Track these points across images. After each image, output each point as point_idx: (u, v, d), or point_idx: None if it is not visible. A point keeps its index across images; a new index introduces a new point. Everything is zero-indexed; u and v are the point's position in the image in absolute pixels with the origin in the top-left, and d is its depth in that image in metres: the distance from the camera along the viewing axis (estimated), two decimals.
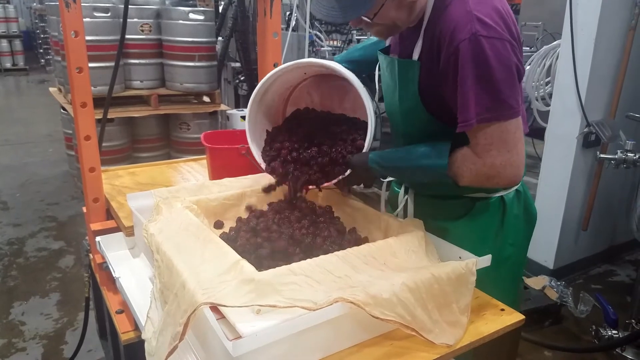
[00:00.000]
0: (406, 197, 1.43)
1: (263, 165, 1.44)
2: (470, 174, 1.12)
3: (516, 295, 1.47)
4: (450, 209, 1.36)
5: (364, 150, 1.30)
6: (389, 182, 1.57)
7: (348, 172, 1.30)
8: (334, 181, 1.32)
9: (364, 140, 1.30)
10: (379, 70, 1.45)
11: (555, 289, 2.73)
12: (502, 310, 1.06)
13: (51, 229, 3.73)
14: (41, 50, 11.31)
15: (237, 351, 0.80)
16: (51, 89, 4.60)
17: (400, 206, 1.44)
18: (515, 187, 1.36)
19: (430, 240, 1.14)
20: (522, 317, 1.03)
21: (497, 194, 1.33)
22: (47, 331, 2.58)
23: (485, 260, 1.03)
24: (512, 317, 1.03)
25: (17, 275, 3.10)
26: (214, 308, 0.95)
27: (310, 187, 1.37)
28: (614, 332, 2.37)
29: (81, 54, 1.55)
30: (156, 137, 4.32)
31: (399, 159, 1.26)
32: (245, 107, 1.52)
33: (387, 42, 1.41)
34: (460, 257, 1.07)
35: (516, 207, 1.36)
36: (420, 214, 1.36)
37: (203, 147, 1.81)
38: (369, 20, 1.16)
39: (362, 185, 1.44)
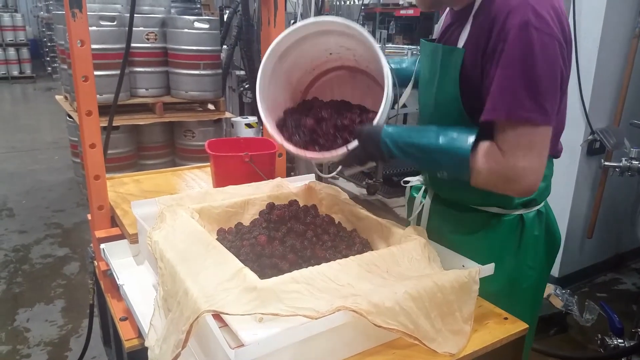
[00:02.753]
0: (422, 203, 1.41)
1: (268, 125, 1.33)
2: (489, 172, 1.07)
3: (533, 320, 1.35)
4: (466, 222, 1.31)
5: (376, 122, 1.19)
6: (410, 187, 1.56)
7: (355, 143, 1.19)
8: (340, 152, 1.21)
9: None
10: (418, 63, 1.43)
11: (560, 297, 2.72)
12: (506, 318, 1.05)
13: (56, 235, 3.75)
14: (48, 59, 11.41)
15: (240, 358, 0.80)
16: (57, 97, 4.64)
17: (414, 213, 1.43)
18: (538, 207, 1.30)
19: (433, 248, 1.13)
20: (525, 325, 1.03)
21: (516, 212, 1.28)
22: (51, 338, 2.59)
23: (488, 269, 1.03)
24: (515, 326, 1.03)
25: (23, 282, 3.11)
26: (217, 316, 0.95)
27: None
28: (619, 341, 2.35)
29: (87, 62, 1.57)
30: (161, 145, 4.34)
31: (417, 136, 1.16)
32: (250, 114, 1.53)
33: (436, 35, 1.38)
34: (463, 266, 1.07)
35: (537, 228, 1.30)
36: (435, 225, 1.36)
37: (208, 155, 1.82)
38: None
39: (358, 167, 1.32)
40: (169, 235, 1.19)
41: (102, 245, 1.57)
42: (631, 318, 2.57)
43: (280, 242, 1.19)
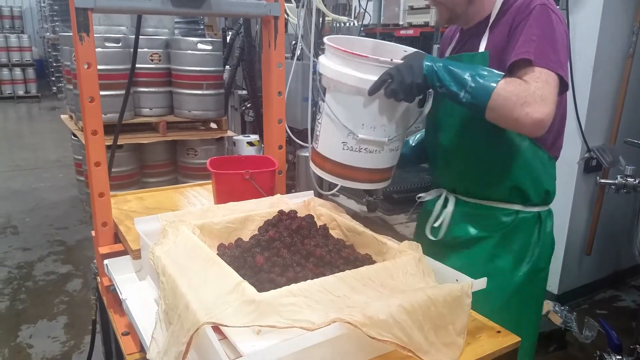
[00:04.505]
0: (443, 212, 1.52)
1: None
2: (508, 93, 1.17)
3: (540, 312, 1.59)
4: (491, 221, 1.46)
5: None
6: (422, 202, 1.67)
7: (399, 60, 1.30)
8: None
9: None
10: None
11: (559, 314, 2.73)
12: (499, 332, 1.08)
13: (59, 252, 3.79)
14: (53, 79, 11.57)
15: None
16: (62, 116, 4.71)
17: (440, 220, 1.53)
18: (549, 206, 1.48)
19: (428, 263, 1.17)
20: (518, 339, 1.05)
21: (535, 209, 1.44)
22: (54, 354, 2.61)
23: (481, 283, 1.06)
24: (508, 339, 1.05)
25: (26, 299, 3.14)
26: (216, 329, 0.98)
27: None
28: (618, 357, 2.35)
29: (93, 84, 1.62)
30: (164, 163, 4.40)
31: (456, 65, 1.25)
32: (252, 133, 1.60)
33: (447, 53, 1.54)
34: (457, 280, 1.10)
35: (549, 225, 1.48)
36: (459, 231, 1.49)
37: (210, 172, 1.86)
38: None
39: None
40: (171, 251, 1.23)
41: (106, 261, 1.60)
42: (630, 335, 2.58)
43: (276, 259, 1.22)
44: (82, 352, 2.60)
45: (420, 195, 1.66)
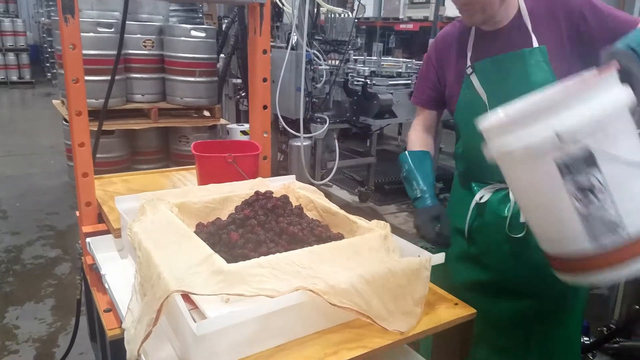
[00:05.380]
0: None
1: None
2: None
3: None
4: None
5: None
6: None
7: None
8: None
9: None
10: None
11: None
12: (456, 304, 1.13)
13: (49, 237, 3.82)
14: (48, 64, 11.51)
15: (200, 330, 0.87)
16: (54, 101, 4.73)
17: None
18: None
19: (394, 240, 1.21)
20: (473, 310, 1.10)
21: None
22: (40, 335, 2.65)
23: (439, 258, 1.11)
24: (463, 311, 1.11)
25: (13, 282, 3.18)
26: (188, 299, 1.03)
27: None
28: (585, 339, 2.44)
29: (78, 65, 1.65)
30: (156, 150, 4.44)
31: None
32: (246, 122, 1.59)
33: (468, 62, 1.49)
34: (419, 255, 1.14)
35: None
36: None
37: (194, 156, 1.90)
38: None
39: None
40: (148, 227, 1.27)
41: (88, 239, 1.64)
42: (599, 319, 2.64)
43: (250, 236, 1.26)
44: (68, 333, 2.64)
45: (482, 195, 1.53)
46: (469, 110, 1.48)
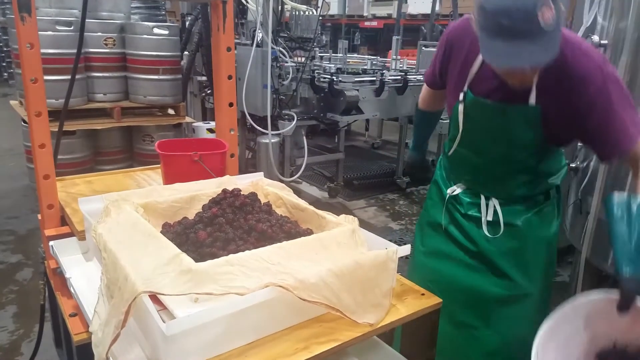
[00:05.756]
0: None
1: None
2: None
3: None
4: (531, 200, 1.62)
5: None
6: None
7: None
8: None
9: None
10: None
11: None
12: (423, 294, 1.15)
13: (9, 242, 3.70)
14: (4, 64, 11.11)
15: (170, 330, 0.86)
16: (12, 102, 4.58)
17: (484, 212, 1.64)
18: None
19: (362, 234, 1.22)
20: (439, 300, 1.13)
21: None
22: (1, 343, 2.57)
23: (405, 250, 1.13)
24: (430, 301, 1.13)
25: None
26: (156, 300, 1.02)
27: None
28: None
29: (36, 65, 1.61)
30: (119, 150, 4.35)
31: None
32: (212, 119, 1.58)
33: (466, 87, 1.53)
34: (386, 248, 1.16)
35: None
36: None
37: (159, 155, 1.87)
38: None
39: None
40: (113, 228, 1.25)
41: (51, 243, 1.60)
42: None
43: (218, 234, 1.26)
44: (31, 341, 2.57)
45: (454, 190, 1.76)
46: (455, 128, 1.60)
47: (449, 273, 1.69)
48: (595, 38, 2.13)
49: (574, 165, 2.41)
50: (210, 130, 5.00)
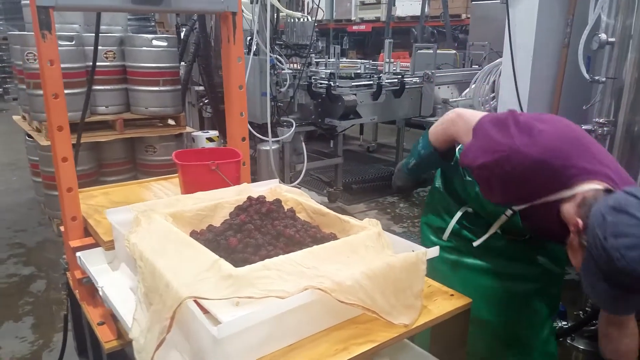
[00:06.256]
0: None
1: None
2: None
3: None
4: None
5: None
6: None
7: None
8: None
9: None
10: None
11: None
12: (452, 295, 1.21)
13: (20, 255, 3.72)
14: None
15: (221, 334, 0.91)
16: (14, 117, 4.60)
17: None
18: None
19: (387, 236, 1.28)
20: (469, 300, 1.18)
21: None
22: (23, 354, 2.59)
23: (434, 251, 1.18)
24: (460, 301, 1.18)
25: None
26: (197, 305, 1.06)
27: None
28: (563, 323, 2.57)
29: (57, 81, 1.65)
30: (123, 161, 4.38)
31: None
32: (211, 129, 1.62)
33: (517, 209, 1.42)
34: (413, 250, 1.21)
35: None
36: None
37: (170, 169, 1.91)
38: None
39: None
40: (146, 237, 1.29)
41: (78, 254, 1.64)
42: (574, 304, 2.79)
43: (248, 240, 1.30)
44: (51, 350, 2.60)
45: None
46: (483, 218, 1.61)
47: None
48: (603, 36, 2.20)
49: None
50: (210, 139, 5.04)
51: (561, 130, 1.28)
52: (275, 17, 4.77)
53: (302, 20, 5.01)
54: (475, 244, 1.52)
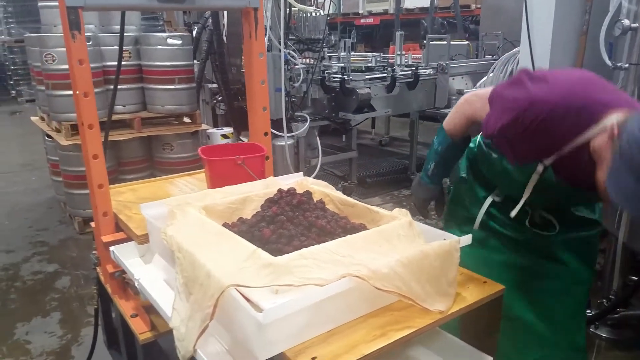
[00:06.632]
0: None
1: None
2: None
3: None
4: None
5: None
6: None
7: None
8: None
9: None
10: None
11: None
12: (485, 282, 1.23)
13: (44, 253, 3.80)
14: (12, 82, 11.19)
15: (266, 319, 0.94)
16: (33, 118, 4.67)
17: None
18: None
19: (417, 225, 1.30)
20: (501, 287, 1.20)
21: None
22: (53, 348, 2.66)
23: (467, 239, 1.20)
24: (493, 287, 1.20)
25: (17, 299, 3.18)
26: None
27: None
28: (587, 311, 2.57)
29: (87, 80, 1.68)
30: (141, 159, 4.44)
31: None
32: (225, 126, 1.64)
33: (548, 162, 1.38)
34: (445, 239, 1.23)
35: None
36: None
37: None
38: None
39: None
40: (182, 229, 1.32)
41: (112, 248, 1.68)
42: (596, 293, 2.79)
43: (282, 231, 1.33)
44: (80, 345, 2.66)
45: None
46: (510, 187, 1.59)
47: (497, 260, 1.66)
48: (626, 22, 2.20)
49: None
50: (225, 136, 5.08)
51: (576, 74, 1.30)
52: (287, 12, 4.78)
53: (314, 14, 5.02)
54: (512, 213, 1.47)
